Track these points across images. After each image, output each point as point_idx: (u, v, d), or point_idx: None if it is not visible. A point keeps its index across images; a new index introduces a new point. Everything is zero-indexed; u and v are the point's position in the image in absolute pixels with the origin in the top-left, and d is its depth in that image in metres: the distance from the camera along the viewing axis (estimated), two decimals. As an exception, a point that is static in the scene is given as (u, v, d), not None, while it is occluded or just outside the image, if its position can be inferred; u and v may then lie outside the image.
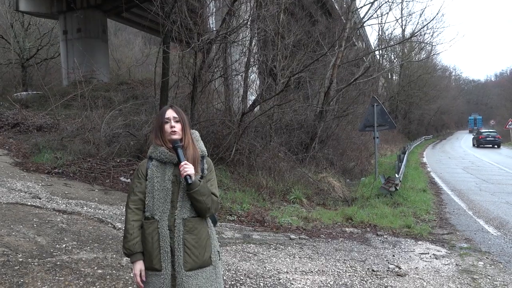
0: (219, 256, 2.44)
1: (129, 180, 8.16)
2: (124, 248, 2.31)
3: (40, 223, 5.11)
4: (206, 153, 2.48)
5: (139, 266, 2.28)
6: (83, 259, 4.23)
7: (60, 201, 6.33)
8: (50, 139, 10.05)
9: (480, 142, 34.05)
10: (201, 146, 2.46)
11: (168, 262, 2.26)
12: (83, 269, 3.98)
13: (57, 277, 3.72)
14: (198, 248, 2.29)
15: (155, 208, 2.29)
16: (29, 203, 5.94)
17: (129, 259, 2.34)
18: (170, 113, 2.38)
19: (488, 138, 33.45)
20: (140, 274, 2.27)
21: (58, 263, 4.03)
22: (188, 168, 2.22)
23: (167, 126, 2.35)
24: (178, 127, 2.35)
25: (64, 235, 4.83)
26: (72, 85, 16.76)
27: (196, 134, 2.50)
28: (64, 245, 4.51)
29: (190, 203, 2.29)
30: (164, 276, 2.25)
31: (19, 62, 23.95)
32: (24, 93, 19.30)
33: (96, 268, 4.06)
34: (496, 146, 32.75)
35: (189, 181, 2.21)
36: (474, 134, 38.71)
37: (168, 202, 2.29)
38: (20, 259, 3.99)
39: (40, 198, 6.32)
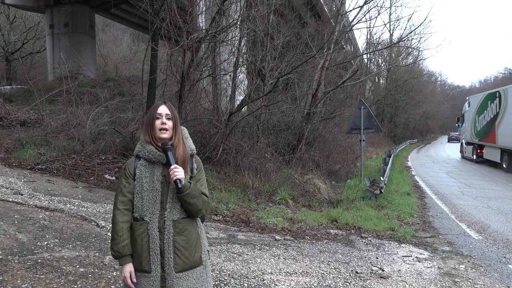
0: (209, 255, 2.44)
1: (114, 178, 8.07)
2: (112, 250, 2.26)
3: (21, 220, 5.01)
4: (195, 151, 2.44)
5: (129, 268, 2.24)
6: (65, 257, 4.16)
7: (43, 198, 6.23)
8: (34, 135, 9.89)
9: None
10: (190, 144, 2.40)
11: (158, 264, 2.23)
12: (64, 267, 3.91)
13: (37, 275, 3.66)
14: (188, 249, 2.26)
15: (145, 209, 2.24)
16: (10, 199, 5.83)
17: (114, 258, 2.31)
18: (162, 109, 2.31)
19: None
20: (131, 276, 2.24)
21: (39, 261, 3.96)
22: (178, 172, 2.17)
23: (157, 122, 2.29)
24: (169, 124, 2.30)
25: (46, 232, 4.75)
26: (58, 80, 16.52)
27: (185, 131, 2.44)
28: (45, 243, 4.44)
29: (180, 204, 2.26)
30: (153, 278, 2.22)
31: (3, 55, 23.56)
32: (8, 87, 18.97)
33: (78, 266, 4.00)
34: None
35: (179, 186, 2.18)
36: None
37: (158, 203, 2.25)
38: (0, 256, 3.91)
39: (22, 194, 6.20)
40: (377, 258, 5.65)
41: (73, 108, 10.75)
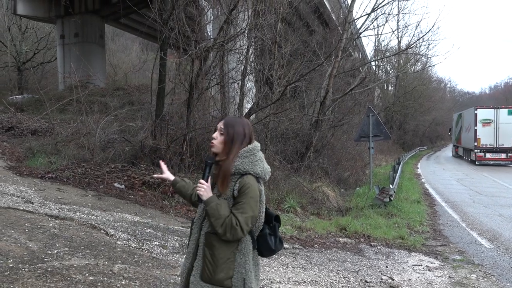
0: (244, 284, 2.21)
1: (123, 186, 8.12)
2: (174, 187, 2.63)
3: (32, 228, 5.06)
4: (250, 172, 2.24)
5: (169, 176, 2.63)
6: (75, 265, 4.19)
7: (53, 206, 6.28)
8: (45, 143, 10.01)
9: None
10: (242, 163, 2.25)
11: (188, 261, 2.35)
12: (74, 276, 3.94)
13: (47, 284, 3.68)
14: (213, 265, 2.21)
15: (197, 212, 2.43)
16: (21, 208, 5.89)
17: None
18: (219, 124, 2.34)
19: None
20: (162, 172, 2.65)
21: (49, 269, 3.99)
22: (200, 189, 2.22)
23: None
24: (218, 139, 2.29)
25: (56, 240, 4.79)
26: (68, 90, 16.76)
27: (249, 147, 2.30)
28: (55, 251, 4.47)
29: None
30: (186, 255, 2.40)
31: (15, 66, 23.94)
32: (20, 96, 19.26)
33: (87, 275, 4.02)
34: None
35: (201, 201, 2.26)
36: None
37: (202, 209, 2.35)
38: (11, 265, 3.94)
39: (32, 203, 6.27)
40: (386, 267, 5.60)
41: (83, 117, 10.87)
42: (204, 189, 2.22)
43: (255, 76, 12.36)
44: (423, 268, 5.60)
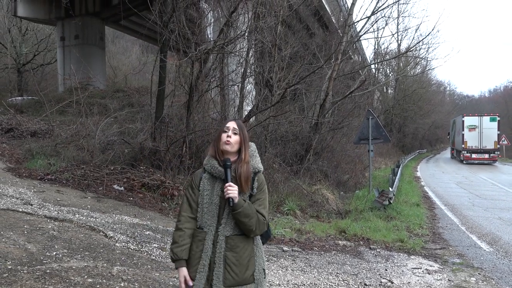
0: (264, 274, 2.41)
1: (122, 188, 8.12)
2: (171, 252, 2.35)
3: (31, 230, 5.05)
4: (261, 170, 2.45)
5: (184, 272, 2.32)
6: (73, 267, 4.18)
7: (52, 208, 6.28)
8: (44, 145, 10.00)
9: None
10: (255, 162, 2.43)
11: (203, 275, 2.28)
12: (73, 278, 3.93)
13: (46, 286, 3.67)
14: (239, 266, 2.29)
15: (204, 221, 2.34)
16: (20, 210, 5.88)
17: (171, 261, 2.38)
18: (231, 124, 2.40)
19: None
20: (185, 280, 2.32)
21: (48, 271, 3.98)
22: (231, 191, 2.23)
23: (223, 135, 2.36)
24: (234, 139, 2.36)
25: (54, 242, 4.78)
26: (68, 92, 16.74)
27: (252, 148, 2.47)
28: (54, 253, 4.46)
29: (234, 221, 2.30)
30: (198, 282, 2.29)
31: (15, 67, 23.92)
32: (19, 98, 19.24)
33: (86, 277, 4.01)
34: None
35: (231, 204, 2.23)
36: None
37: (215, 216, 2.32)
38: (9, 266, 3.93)
39: (31, 205, 6.26)
40: (386, 270, 5.59)
41: (83, 119, 10.87)
42: (236, 191, 2.25)
43: (255, 78, 12.37)
44: (423, 271, 5.59)
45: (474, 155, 29.77)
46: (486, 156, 29.39)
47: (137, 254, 4.99)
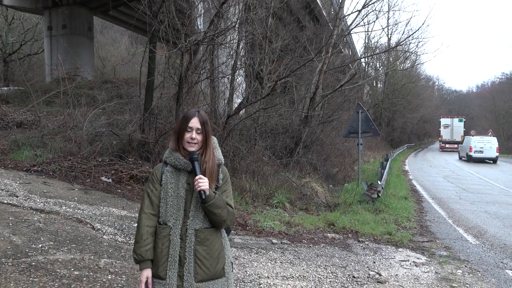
0: (232, 267, 2.40)
1: (110, 180, 8.03)
2: (135, 253, 2.25)
3: (16, 222, 4.97)
4: (223, 162, 2.41)
5: (147, 273, 2.23)
6: (60, 260, 4.12)
7: (38, 200, 6.18)
8: (30, 136, 9.84)
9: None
10: (218, 154, 2.38)
11: (174, 271, 2.20)
12: (59, 270, 3.87)
13: (31, 278, 3.62)
14: (210, 260, 2.24)
15: (168, 215, 2.25)
16: (5, 201, 5.78)
17: (135, 262, 2.30)
18: (194, 123, 2.27)
19: None
20: (147, 281, 2.23)
21: (33, 263, 3.92)
22: (202, 183, 2.16)
23: (187, 135, 2.27)
24: (198, 139, 2.27)
25: (40, 234, 4.71)
26: (55, 82, 16.47)
27: (214, 140, 2.40)
28: (40, 245, 4.39)
29: (203, 214, 2.25)
30: (167, 286, 2.20)
31: (1, 57, 23.51)
32: (5, 88, 18.91)
33: (72, 269, 3.96)
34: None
35: (203, 196, 2.17)
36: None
37: (181, 210, 2.25)
38: (-6, 259, 3.86)
39: (17, 196, 6.16)
40: (374, 262, 5.62)
41: (70, 110, 10.71)
42: (207, 183, 2.19)
43: (245, 70, 12.30)
44: (410, 264, 5.64)
45: (447, 145, 44.07)
46: (456, 145, 40.07)
47: (125, 246, 4.95)
